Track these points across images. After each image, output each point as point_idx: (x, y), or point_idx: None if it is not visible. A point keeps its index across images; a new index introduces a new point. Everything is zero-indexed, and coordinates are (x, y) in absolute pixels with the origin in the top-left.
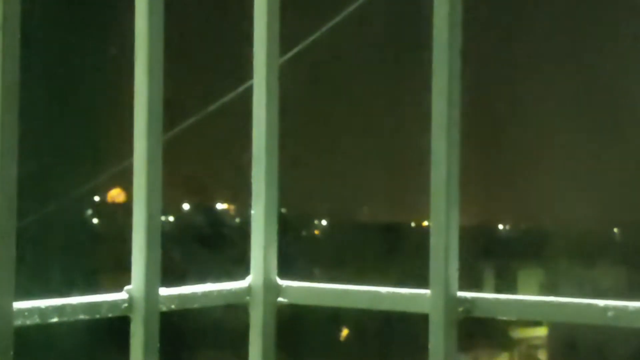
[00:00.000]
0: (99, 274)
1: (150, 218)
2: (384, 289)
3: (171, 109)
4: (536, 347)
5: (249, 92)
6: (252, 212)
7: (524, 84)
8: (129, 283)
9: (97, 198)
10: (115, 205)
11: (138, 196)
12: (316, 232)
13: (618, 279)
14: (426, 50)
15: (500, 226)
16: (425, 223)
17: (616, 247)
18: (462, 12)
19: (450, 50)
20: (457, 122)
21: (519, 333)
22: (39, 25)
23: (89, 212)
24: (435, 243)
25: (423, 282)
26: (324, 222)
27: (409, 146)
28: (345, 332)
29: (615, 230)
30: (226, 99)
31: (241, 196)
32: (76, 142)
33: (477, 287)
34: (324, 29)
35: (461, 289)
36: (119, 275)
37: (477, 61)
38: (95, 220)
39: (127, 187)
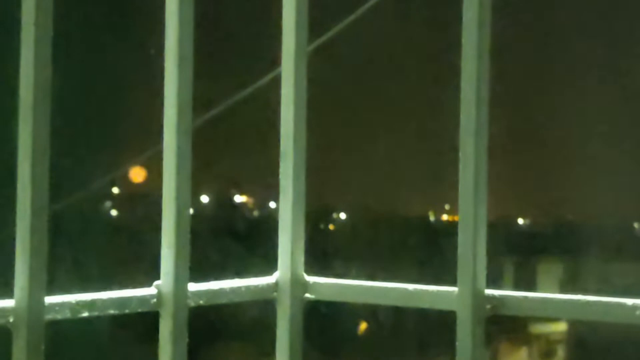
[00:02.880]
0: (117, 267)
1: (179, 213)
2: (411, 286)
3: (200, 100)
4: (556, 342)
5: (277, 82)
6: (280, 206)
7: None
8: (146, 276)
9: (115, 190)
10: (134, 197)
11: (167, 191)
12: (331, 226)
13: (638, 275)
14: (457, 45)
15: (520, 220)
16: (445, 217)
17: (637, 243)
18: (491, 11)
19: (479, 50)
20: (486, 119)
21: (538, 328)
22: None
23: (108, 204)
24: (463, 240)
25: (440, 275)
26: (342, 216)
27: (431, 140)
28: (363, 325)
29: (636, 225)
30: (253, 87)
31: (259, 189)
32: (94, 134)
33: (496, 281)
34: (352, 17)
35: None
36: (137, 268)
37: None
38: (114, 212)
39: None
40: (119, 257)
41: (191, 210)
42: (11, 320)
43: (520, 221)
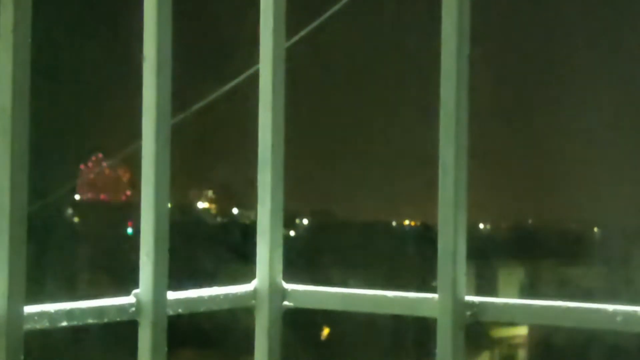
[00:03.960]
0: (79, 274)
1: (158, 223)
2: (391, 293)
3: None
4: (516, 346)
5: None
6: (258, 216)
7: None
8: (106, 284)
9: (77, 197)
10: (92, 204)
11: (146, 201)
12: (291, 232)
13: (598, 279)
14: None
15: (481, 225)
16: (406, 222)
17: (595, 247)
18: (470, 19)
19: (459, 55)
20: (465, 128)
21: (500, 332)
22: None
23: (70, 211)
24: (443, 248)
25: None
26: (305, 221)
27: (398, 146)
28: (326, 331)
29: (595, 229)
30: (232, 84)
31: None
32: (56, 141)
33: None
34: (330, 11)
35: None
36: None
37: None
38: (75, 219)
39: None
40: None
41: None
42: None
43: (481, 226)
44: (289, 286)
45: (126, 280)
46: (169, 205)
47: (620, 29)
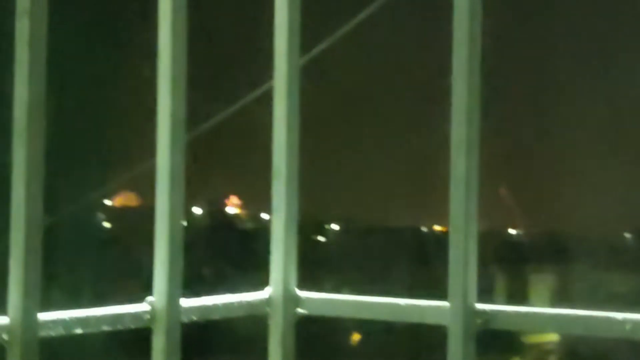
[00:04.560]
0: (111, 279)
1: (173, 229)
2: (403, 301)
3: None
4: (547, 352)
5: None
6: (272, 223)
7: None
8: (140, 289)
9: (108, 202)
10: (126, 209)
11: (161, 207)
12: (320, 238)
13: (629, 285)
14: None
15: (512, 231)
16: (437, 227)
17: (628, 253)
18: (482, 26)
19: (470, 66)
20: (477, 134)
21: (531, 338)
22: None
23: (101, 216)
24: (454, 255)
25: (434, 288)
26: (335, 227)
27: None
28: (356, 336)
29: (627, 235)
30: (246, 100)
31: (252, 201)
32: (88, 146)
33: (489, 292)
34: (345, 28)
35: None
36: (127, 281)
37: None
38: (106, 225)
39: (142, 192)
40: (112, 270)
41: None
42: (5, 337)
43: (512, 232)
44: (303, 294)
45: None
46: (201, 211)
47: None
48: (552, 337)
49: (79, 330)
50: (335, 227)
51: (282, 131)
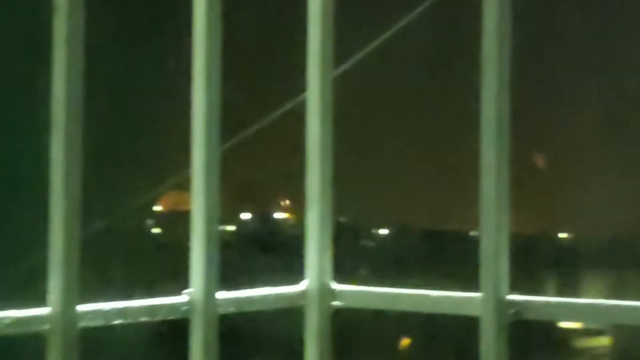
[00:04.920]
0: (160, 283)
1: (209, 223)
2: (435, 292)
3: (229, 119)
4: (599, 356)
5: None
6: (308, 217)
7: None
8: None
9: (158, 207)
10: (176, 214)
11: (197, 203)
12: (370, 242)
13: None
14: (476, 59)
15: (562, 234)
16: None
17: None
18: (511, 24)
19: (500, 62)
20: (506, 128)
21: (582, 342)
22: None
23: (150, 221)
24: (486, 246)
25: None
26: (383, 231)
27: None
28: (405, 341)
29: None
30: (279, 111)
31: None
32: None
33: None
34: (377, 41)
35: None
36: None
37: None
38: (155, 230)
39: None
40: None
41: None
42: (46, 327)
43: (562, 235)
44: (338, 286)
45: None
46: (250, 215)
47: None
48: (604, 341)
49: (118, 321)
50: (383, 232)
51: (315, 129)
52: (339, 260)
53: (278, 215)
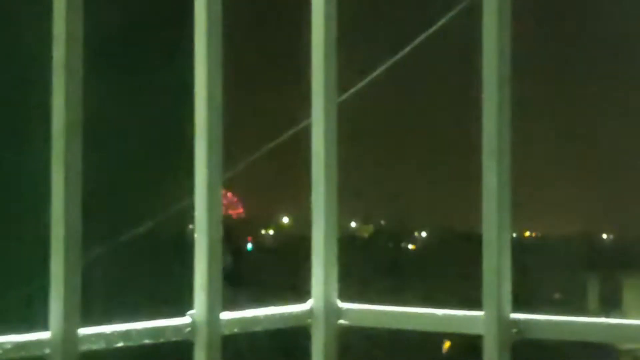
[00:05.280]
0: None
1: (211, 246)
2: (440, 311)
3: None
4: None
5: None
6: (313, 234)
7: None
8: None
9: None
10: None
11: (199, 227)
12: (412, 246)
13: None
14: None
15: (604, 236)
16: (527, 233)
17: None
18: (510, 39)
19: (500, 77)
20: (508, 143)
21: (625, 344)
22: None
23: (191, 227)
24: (488, 264)
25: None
26: (423, 234)
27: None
28: (447, 344)
29: None
30: (283, 137)
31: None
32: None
33: (581, 297)
34: (384, 67)
35: (565, 298)
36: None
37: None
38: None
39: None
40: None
41: (271, 231)
42: (47, 351)
43: (604, 236)
44: (344, 305)
45: (244, 296)
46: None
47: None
48: None
49: (120, 344)
50: (423, 234)
51: (320, 153)
52: (378, 263)
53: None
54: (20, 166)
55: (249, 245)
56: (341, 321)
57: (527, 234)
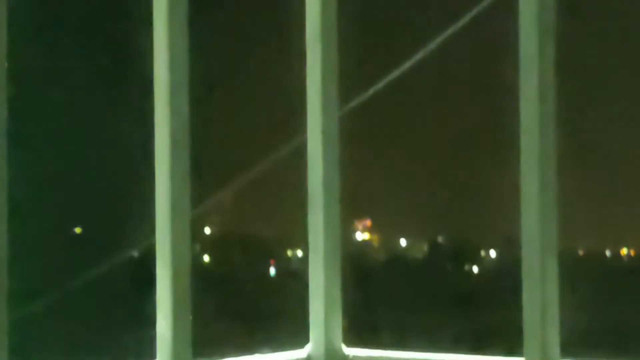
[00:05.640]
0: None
1: (176, 283)
2: (471, 357)
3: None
4: None
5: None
6: (310, 265)
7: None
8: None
9: (207, 230)
10: (225, 238)
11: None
12: (474, 267)
13: None
14: None
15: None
16: (624, 251)
17: None
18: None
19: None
20: (553, 160)
21: None
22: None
23: (198, 247)
24: (529, 299)
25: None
26: (492, 254)
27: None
28: None
29: None
30: (277, 155)
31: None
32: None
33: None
34: (390, 77)
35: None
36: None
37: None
38: (205, 258)
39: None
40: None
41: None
42: None
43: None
44: (351, 351)
45: (268, 332)
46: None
47: None
48: None
49: None
50: (492, 254)
51: (317, 174)
52: (434, 291)
53: (360, 236)
54: None
55: (272, 270)
56: None
57: (624, 251)
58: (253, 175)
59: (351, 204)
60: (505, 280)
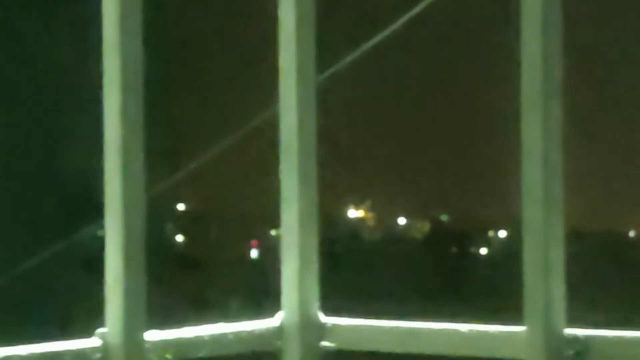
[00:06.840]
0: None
1: (128, 253)
2: (465, 327)
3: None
4: None
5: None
6: (283, 223)
7: None
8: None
9: (181, 206)
10: (199, 216)
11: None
12: (482, 249)
13: None
14: None
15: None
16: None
17: None
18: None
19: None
20: (558, 142)
21: None
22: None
23: (170, 226)
24: (531, 260)
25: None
26: (501, 234)
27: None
28: None
29: None
30: (247, 127)
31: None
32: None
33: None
34: (372, 41)
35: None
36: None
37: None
38: (179, 238)
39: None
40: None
41: None
42: None
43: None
44: (329, 320)
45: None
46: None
47: None
48: None
49: None
50: (502, 234)
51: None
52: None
53: (353, 213)
54: None
55: (254, 252)
56: (324, 343)
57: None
58: (225, 146)
59: (345, 179)
60: (518, 264)
